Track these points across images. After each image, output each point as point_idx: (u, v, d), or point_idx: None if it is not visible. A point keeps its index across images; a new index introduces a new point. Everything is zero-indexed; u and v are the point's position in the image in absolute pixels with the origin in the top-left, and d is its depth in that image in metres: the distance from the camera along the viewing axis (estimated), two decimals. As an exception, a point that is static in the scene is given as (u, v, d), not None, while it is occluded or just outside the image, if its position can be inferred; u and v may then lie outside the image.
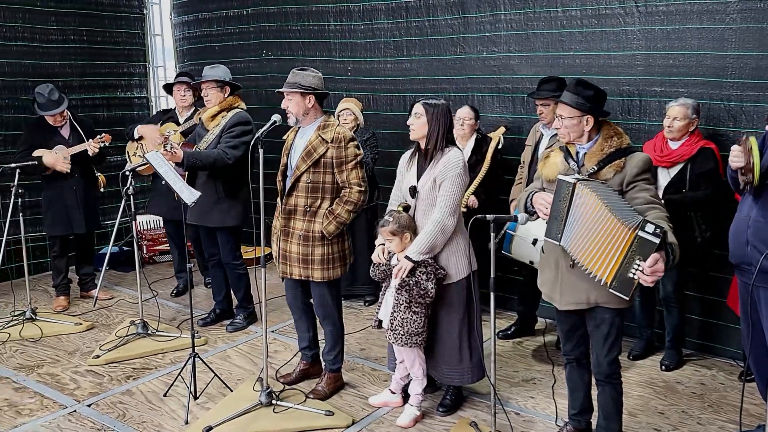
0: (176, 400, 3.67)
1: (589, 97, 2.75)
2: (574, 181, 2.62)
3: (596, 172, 2.73)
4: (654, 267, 2.45)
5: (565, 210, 2.65)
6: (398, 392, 3.59)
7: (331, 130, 3.45)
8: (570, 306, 2.84)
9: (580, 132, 2.79)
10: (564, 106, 2.78)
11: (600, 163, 2.73)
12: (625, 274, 2.51)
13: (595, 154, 2.76)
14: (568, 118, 2.78)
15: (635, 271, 2.48)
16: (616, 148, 2.74)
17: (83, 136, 4.99)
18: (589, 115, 2.76)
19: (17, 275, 5.21)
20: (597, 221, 2.55)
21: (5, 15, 5.75)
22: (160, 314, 4.78)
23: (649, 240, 2.44)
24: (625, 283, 2.52)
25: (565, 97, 2.79)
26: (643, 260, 2.45)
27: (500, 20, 4.78)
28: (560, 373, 3.78)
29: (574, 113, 2.76)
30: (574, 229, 2.63)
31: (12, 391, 3.81)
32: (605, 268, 2.55)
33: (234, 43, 6.38)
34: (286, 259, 3.53)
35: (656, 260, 2.45)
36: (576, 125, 2.77)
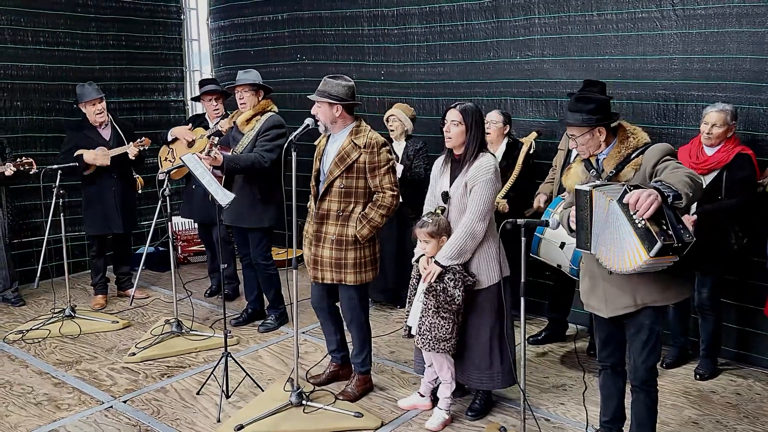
0: (209, 398, 3.74)
1: (592, 110, 2.75)
2: (590, 189, 2.62)
3: (615, 174, 2.72)
4: (634, 200, 2.39)
5: (589, 218, 2.63)
6: (427, 395, 3.59)
7: (364, 136, 3.48)
8: (618, 311, 2.79)
9: (596, 144, 2.79)
10: (572, 128, 2.79)
11: (618, 165, 2.73)
12: (640, 232, 2.42)
13: (612, 158, 2.76)
14: (580, 136, 2.78)
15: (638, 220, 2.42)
16: (633, 148, 2.73)
17: (124, 139, 5.11)
18: (599, 126, 2.75)
19: (58, 274, 5.35)
20: (614, 225, 2.53)
21: (47, 21, 5.93)
22: (194, 314, 4.86)
23: (620, 196, 2.44)
24: (647, 236, 2.41)
25: (568, 118, 2.79)
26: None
27: (534, 24, 4.76)
28: (591, 380, 3.75)
29: (583, 130, 2.76)
30: (602, 237, 2.61)
31: (52, 386, 3.92)
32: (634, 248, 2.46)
33: (269, 47, 6.47)
34: (318, 264, 3.56)
35: (630, 196, 2.41)
36: (590, 140, 2.78)
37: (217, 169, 4.24)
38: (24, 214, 5.69)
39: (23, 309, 5.24)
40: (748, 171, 3.65)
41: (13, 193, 5.29)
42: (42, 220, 5.30)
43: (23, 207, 5.68)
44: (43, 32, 5.91)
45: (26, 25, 5.80)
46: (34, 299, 5.43)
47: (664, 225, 2.41)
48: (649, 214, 2.39)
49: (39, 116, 5.94)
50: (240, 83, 4.46)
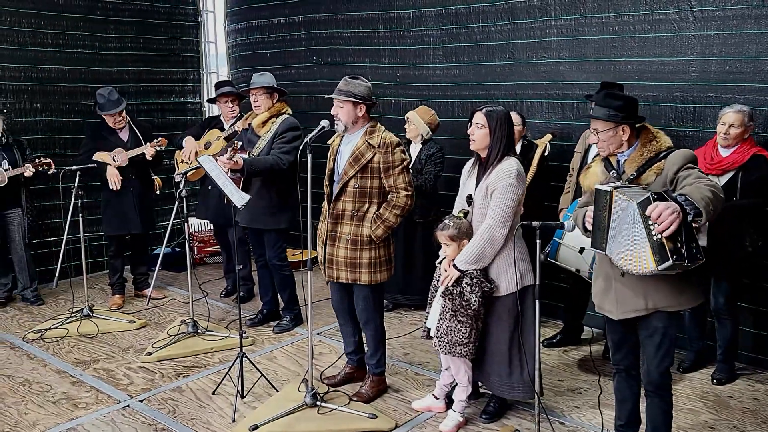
0: (224, 398, 3.76)
1: (620, 107, 2.73)
2: (611, 189, 2.60)
3: (636, 177, 2.70)
4: (655, 214, 2.39)
5: (606, 219, 2.62)
6: (442, 398, 3.59)
7: (378, 136, 3.50)
8: (628, 314, 2.78)
9: (618, 143, 2.77)
10: (597, 121, 2.77)
11: (640, 168, 2.71)
12: (654, 244, 2.45)
13: (634, 160, 2.74)
14: (603, 132, 2.76)
15: (655, 233, 2.43)
16: (656, 152, 2.71)
17: (141, 140, 5.17)
18: (624, 125, 2.74)
19: (76, 273, 5.42)
20: (631, 227, 2.52)
21: (67, 24, 6.01)
22: (209, 314, 4.90)
23: (644, 198, 2.44)
24: (659, 250, 2.44)
25: (596, 111, 2.77)
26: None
27: (550, 26, 4.74)
28: (606, 383, 3.73)
29: (608, 126, 2.74)
30: (617, 236, 2.60)
31: (70, 385, 3.97)
32: (644, 255, 2.49)
33: (285, 49, 6.51)
34: (333, 263, 3.57)
35: (654, 207, 2.41)
36: (612, 137, 2.76)
37: (237, 172, 4.27)
38: (43, 214, 5.76)
39: (42, 308, 5.31)
40: (763, 172, 3.61)
41: (33, 194, 5.36)
42: (61, 220, 5.37)
43: (43, 207, 5.75)
44: (63, 35, 5.99)
45: (46, 28, 5.88)
46: (52, 299, 5.50)
47: (679, 242, 2.43)
48: (668, 234, 2.40)
49: (58, 118, 6.02)
50: (255, 86, 4.49)
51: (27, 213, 5.22)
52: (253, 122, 4.57)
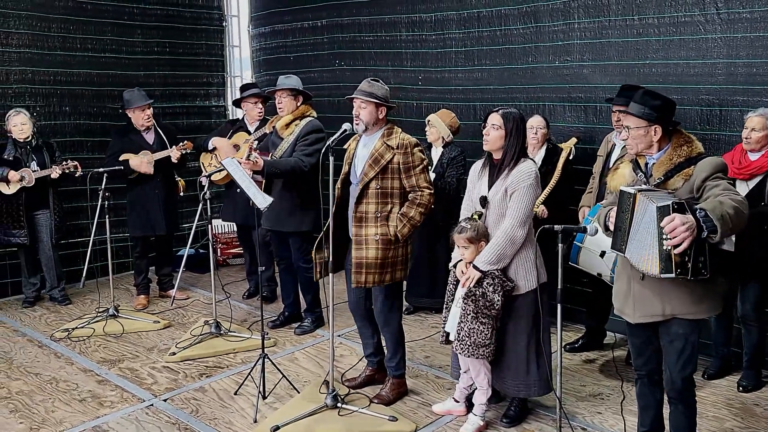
0: (246, 398, 3.80)
1: (657, 107, 2.69)
2: (635, 192, 2.59)
3: (663, 182, 2.67)
4: (670, 227, 2.40)
5: (628, 221, 2.61)
6: (462, 401, 3.59)
7: (396, 137, 3.53)
8: (644, 319, 2.76)
9: (648, 143, 2.73)
10: (630, 117, 2.74)
11: (668, 173, 2.67)
12: (663, 251, 2.48)
13: (663, 164, 2.70)
14: (634, 129, 2.72)
15: (665, 243, 2.45)
16: (686, 157, 2.67)
17: (166, 143, 5.24)
18: (657, 125, 2.70)
19: (102, 274, 5.50)
20: (651, 227, 2.50)
21: (95, 29, 6.12)
22: (232, 315, 4.95)
23: (664, 206, 2.42)
24: (666, 259, 2.48)
25: (631, 107, 2.74)
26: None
27: (573, 29, 4.72)
28: (630, 389, 3.69)
29: (640, 123, 2.71)
30: (637, 239, 2.58)
31: (95, 384, 4.03)
32: (646, 258, 2.53)
33: (308, 53, 6.56)
34: (361, 267, 3.52)
35: (671, 219, 2.41)
36: (643, 136, 2.72)
37: (258, 173, 4.31)
38: (71, 215, 5.87)
39: (69, 308, 5.41)
40: None
41: (61, 195, 5.47)
42: (88, 221, 5.46)
43: (70, 209, 5.86)
44: (91, 39, 6.10)
45: (75, 32, 6.00)
46: (79, 298, 5.60)
47: (687, 257, 2.46)
48: (679, 251, 2.42)
49: (86, 121, 6.13)
50: (279, 88, 4.53)
51: (55, 214, 5.33)
52: (276, 124, 4.61)
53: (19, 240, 5.20)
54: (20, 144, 5.14)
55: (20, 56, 5.69)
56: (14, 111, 5.16)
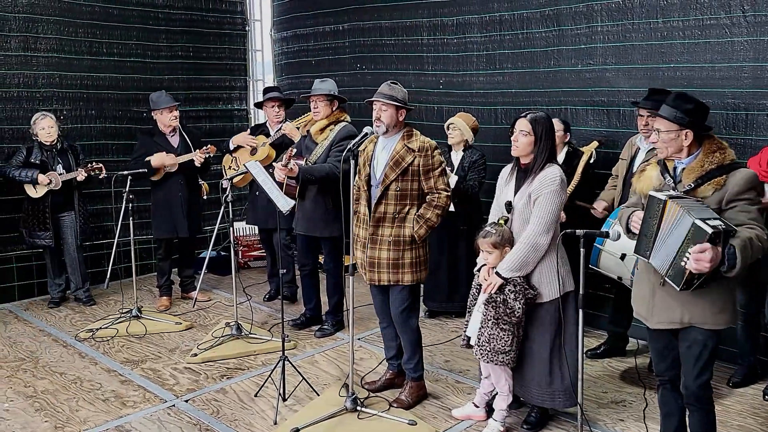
0: (266, 400, 3.82)
1: (689, 111, 2.64)
2: (666, 198, 2.54)
3: (693, 189, 2.62)
4: (699, 255, 2.38)
5: (655, 227, 2.57)
6: (482, 406, 3.57)
7: (416, 140, 3.55)
8: (662, 325, 2.73)
9: (678, 147, 2.69)
10: (661, 120, 2.69)
11: (698, 180, 2.62)
12: (678, 263, 2.48)
13: (693, 170, 2.65)
14: (665, 132, 2.68)
15: (686, 260, 2.44)
16: (717, 165, 2.61)
17: (191, 146, 5.30)
18: (688, 130, 2.65)
19: (126, 275, 5.58)
20: (679, 234, 2.48)
21: (121, 34, 6.22)
22: (253, 317, 4.98)
23: (702, 228, 2.39)
24: (678, 271, 2.49)
25: (663, 110, 2.70)
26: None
27: (596, 32, 4.68)
28: (652, 396, 3.64)
29: (671, 127, 2.66)
30: (663, 246, 2.55)
31: (119, 384, 4.08)
32: (666, 260, 2.52)
33: (329, 57, 6.59)
34: (375, 266, 3.60)
35: (703, 249, 2.38)
36: (674, 140, 2.67)
37: (293, 179, 4.33)
38: (96, 217, 5.96)
39: (93, 308, 5.49)
40: None
41: (86, 198, 5.55)
42: (112, 223, 5.53)
43: (95, 211, 5.95)
44: (117, 44, 6.20)
45: (101, 37, 6.10)
46: (103, 299, 5.68)
47: (696, 279, 2.50)
48: (696, 272, 2.44)
49: (111, 124, 6.22)
50: (315, 93, 4.54)
51: (80, 216, 5.41)
52: (311, 129, 4.62)
53: (44, 242, 5.29)
54: (46, 147, 5.23)
55: (48, 61, 5.80)
56: (41, 114, 5.25)
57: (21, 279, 5.73)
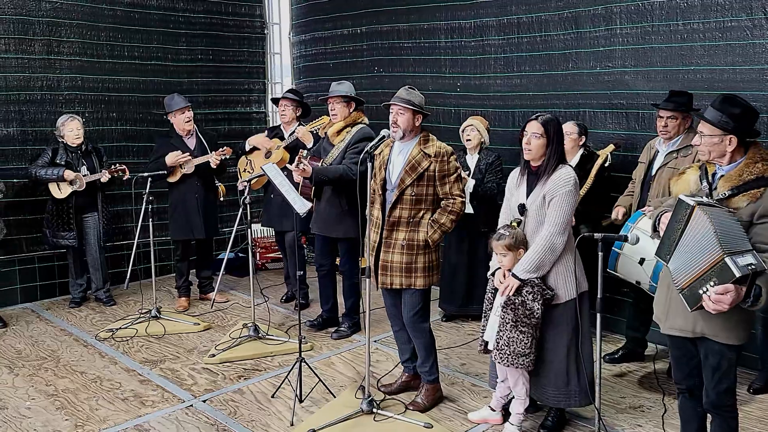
0: (283, 401, 3.84)
1: (735, 116, 2.54)
2: (694, 204, 2.47)
3: (727, 198, 2.54)
4: (719, 297, 2.34)
5: (679, 232, 2.53)
6: (498, 410, 3.56)
7: (433, 145, 3.55)
8: (673, 331, 2.71)
9: (721, 152, 2.59)
10: (705, 123, 2.60)
11: (734, 189, 2.53)
12: (697, 287, 2.43)
13: (731, 179, 2.56)
14: (708, 136, 2.59)
15: (705, 291, 2.39)
16: (757, 176, 2.51)
17: (207, 148, 5.35)
18: (732, 135, 2.55)
19: (145, 276, 5.64)
20: (701, 248, 2.42)
21: (142, 37, 6.29)
22: (270, 318, 5.00)
23: (729, 268, 2.32)
24: (694, 296, 2.45)
25: (708, 113, 2.60)
26: (717, 284, 2.36)
27: (615, 35, 4.66)
28: (671, 402, 3.62)
29: (715, 131, 2.57)
30: (683, 251, 2.52)
31: (138, 383, 4.13)
32: (685, 275, 2.47)
33: (347, 60, 6.62)
34: (387, 270, 3.60)
35: (726, 291, 2.33)
36: (717, 144, 2.58)
37: (307, 180, 4.35)
38: (117, 218, 6.03)
39: (114, 309, 5.56)
40: None
41: (108, 199, 5.63)
42: (132, 224, 5.60)
43: (116, 212, 6.02)
44: (138, 47, 6.28)
45: (123, 41, 6.18)
46: (123, 299, 5.74)
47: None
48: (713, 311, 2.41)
49: (132, 126, 6.30)
50: (332, 95, 4.57)
51: (102, 217, 5.48)
52: (328, 131, 4.65)
53: (68, 242, 5.36)
54: (71, 149, 5.30)
55: (71, 64, 5.89)
56: (69, 116, 5.33)
57: (43, 279, 5.82)
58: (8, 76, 5.57)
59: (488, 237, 4.76)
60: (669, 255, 2.59)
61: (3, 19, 5.50)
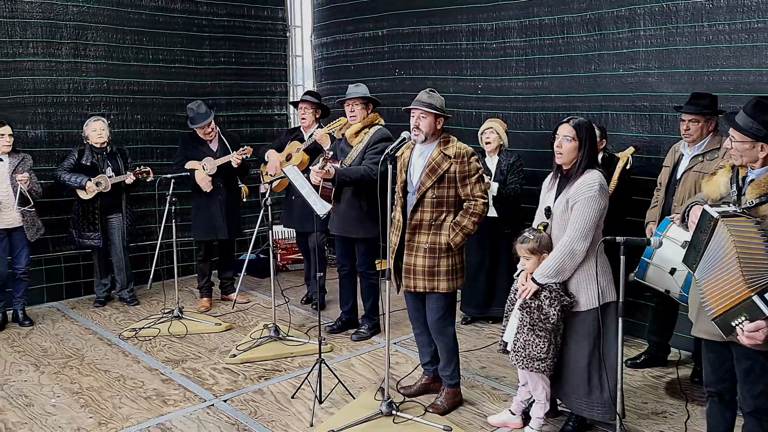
0: (302, 402, 3.86)
1: (767, 123, 2.50)
2: (717, 217, 2.43)
3: (755, 206, 2.49)
4: (752, 333, 2.32)
5: (704, 243, 2.49)
6: (518, 413, 3.54)
7: (453, 147, 3.55)
8: (702, 335, 2.67)
9: (753, 157, 2.55)
10: (735, 131, 2.56)
11: (763, 197, 2.48)
12: (729, 319, 2.40)
13: (760, 185, 2.51)
14: (739, 142, 2.55)
15: (738, 324, 2.37)
16: None
17: (229, 150, 5.40)
18: (764, 143, 2.50)
19: (168, 276, 5.70)
20: (724, 266, 2.39)
21: (167, 41, 6.37)
22: (290, 319, 5.04)
23: (759, 308, 2.31)
24: (727, 326, 2.42)
25: (739, 118, 2.56)
26: (748, 321, 2.33)
27: (639, 36, 4.61)
28: (695, 408, 3.57)
29: (745, 138, 2.53)
30: (707, 263, 2.48)
31: (160, 382, 4.18)
32: (717, 302, 2.42)
33: (368, 62, 6.64)
34: (410, 273, 3.60)
35: (758, 328, 2.31)
36: (748, 150, 2.54)
37: (328, 181, 4.38)
38: (140, 219, 6.11)
39: (137, 308, 5.63)
40: None
41: (132, 200, 5.71)
42: (156, 225, 5.67)
43: (140, 213, 6.10)
44: (163, 51, 6.36)
45: (148, 44, 6.26)
46: (146, 299, 5.82)
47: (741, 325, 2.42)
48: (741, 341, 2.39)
49: (156, 128, 6.38)
50: (350, 96, 4.60)
51: (126, 218, 5.56)
52: (346, 132, 4.68)
53: (93, 242, 5.45)
54: (97, 150, 5.39)
55: (97, 67, 5.98)
56: (94, 117, 5.44)
57: (68, 278, 5.92)
58: (36, 79, 5.68)
59: (511, 239, 4.77)
60: (695, 265, 2.56)
61: (32, 23, 5.61)
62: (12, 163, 4.99)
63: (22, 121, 5.62)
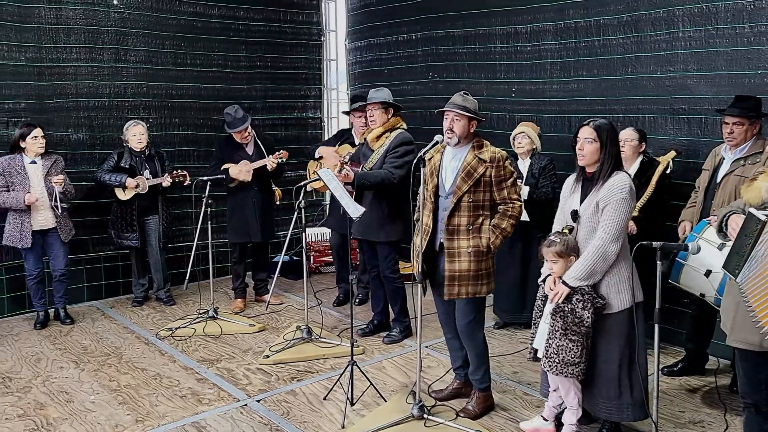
0: (334, 404, 3.88)
1: None
2: (766, 220, 2.39)
3: None
4: None
5: (749, 247, 2.43)
6: (551, 420, 3.50)
7: (487, 151, 3.54)
8: (738, 344, 2.61)
9: None
10: None
11: None
12: None
13: None
14: None
15: None
16: None
17: (265, 153, 5.47)
18: None
19: (203, 277, 5.80)
20: None
21: (204, 45, 6.49)
22: (323, 321, 5.07)
23: None
24: None
25: None
26: None
27: (677, 38, 4.53)
28: (733, 419, 3.49)
29: None
30: (754, 268, 2.42)
31: (195, 381, 4.25)
32: (759, 296, 2.36)
33: (402, 66, 6.65)
34: (455, 279, 3.53)
35: None
36: None
37: (348, 185, 4.42)
38: (177, 221, 6.22)
39: (173, 308, 5.74)
40: None
41: (169, 202, 5.82)
42: (192, 226, 5.77)
43: (176, 215, 6.22)
44: (200, 55, 6.47)
45: (186, 49, 6.38)
46: (182, 300, 5.92)
47: None
48: None
49: (193, 132, 6.49)
50: (370, 101, 4.63)
51: (163, 219, 5.67)
52: (367, 137, 4.71)
53: (131, 243, 5.57)
54: (135, 153, 5.51)
55: (136, 71, 6.12)
56: (134, 122, 5.56)
57: (108, 278, 6.06)
58: (79, 83, 5.84)
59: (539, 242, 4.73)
60: (738, 269, 2.50)
61: (75, 29, 5.77)
62: (45, 165, 5.11)
63: (65, 124, 5.78)
